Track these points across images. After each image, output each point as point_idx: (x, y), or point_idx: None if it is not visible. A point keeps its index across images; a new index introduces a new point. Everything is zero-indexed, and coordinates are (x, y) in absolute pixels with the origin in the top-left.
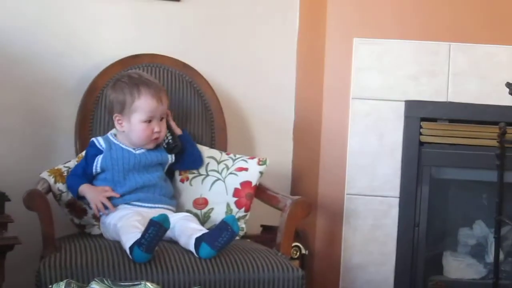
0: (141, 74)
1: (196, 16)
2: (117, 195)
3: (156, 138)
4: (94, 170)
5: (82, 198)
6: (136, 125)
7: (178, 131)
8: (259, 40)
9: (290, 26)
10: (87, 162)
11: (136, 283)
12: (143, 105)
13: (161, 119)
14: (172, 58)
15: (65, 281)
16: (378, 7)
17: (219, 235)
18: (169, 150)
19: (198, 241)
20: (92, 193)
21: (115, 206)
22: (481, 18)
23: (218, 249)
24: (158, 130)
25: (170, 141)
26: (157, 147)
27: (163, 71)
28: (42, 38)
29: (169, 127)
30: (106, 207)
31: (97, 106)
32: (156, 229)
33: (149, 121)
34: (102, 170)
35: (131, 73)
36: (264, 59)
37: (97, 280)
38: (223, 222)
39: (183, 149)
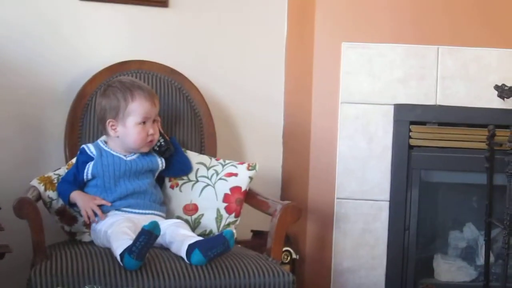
0: (132, 79)
1: (184, 22)
2: (108, 204)
3: (151, 141)
4: (85, 177)
5: (73, 205)
6: (131, 128)
7: (167, 138)
8: (247, 45)
9: (278, 31)
10: (78, 169)
11: None
12: (138, 108)
13: (154, 121)
14: (160, 64)
15: None
16: (366, 11)
17: (214, 246)
18: (161, 153)
19: (191, 247)
20: (82, 200)
21: (106, 212)
22: (470, 21)
23: (209, 258)
24: (153, 133)
25: (163, 143)
26: (148, 153)
27: (151, 77)
28: (30, 45)
29: (160, 132)
30: (96, 215)
31: (86, 113)
32: (147, 237)
33: (143, 123)
34: (93, 177)
35: (121, 79)
36: (253, 64)
37: (88, 287)
38: (221, 236)
39: (173, 153)
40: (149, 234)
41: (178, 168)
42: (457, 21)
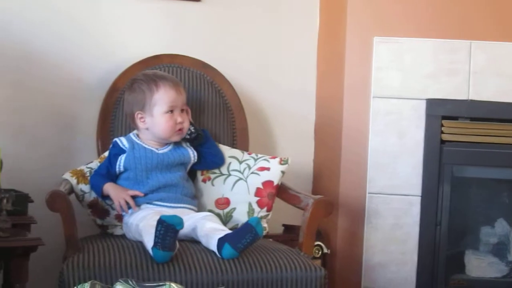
0: (155, 71)
1: (216, 16)
2: (141, 194)
3: (180, 129)
4: (117, 169)
5: (106, 197)
6: (159, 117)
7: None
8: (279, 39)
9: (310, 26)
10: (110, 162)
11: (160, 283)
12: (163, 96)
13: (182, 110)
14: (192, 58)
15: (89, 282)
16: (398, 6)
17: (243, 237)
18: (191, 140)
19: (221, 241)
20: (115, 191)
21: (138, 204)
22: (502, 16)
23: (240, 250)
24: (181, 121)
25: (193, 130)
26: (180, 146)
27: (183, 71)
28: (65, 38)
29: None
30: (128, 206)
31: (117, 106)
32: (164, 226)
33: (171, 112)
34: (125, 169)
35: (145, 72)
36: (285, 58)
37: (121, 281)
38: (247, 224)
39: (205, 141)
40: (164, 223)
41: (210, 160)
42: (489, 16)
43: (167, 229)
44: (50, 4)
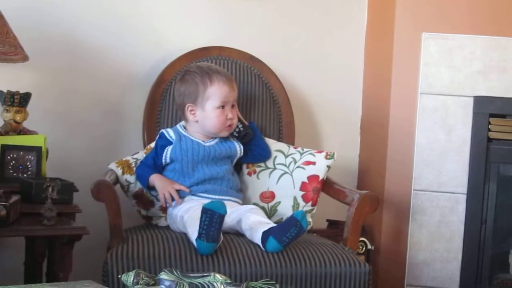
0: (209, 64)
1: (264, 9)
2: (187, 190)
3: (230, 125)
4: (163, 161)
5: (151, 188)
6: (210, 112)
7: (245, 123)
8: (327, 34)
9: (358, 20)
10: (157, 153)
11: (205, 274)
12: (216, 91)
13: (233, 106)
14: (240, 50)
15: (134, 271)
16: (447, 2)
17: (287, 230)
18: (240, 138)
19: (265, 235)
20: (162, 183)
21: (183, 197)
22: None
23: (285, 244)
24: (232, 117)
25: (241, 128)
26: (227, 139)
27: (231, 64)
28: (111, 30)
29: (238, 117)
30: (172, 199)
31: (164, 98)
32: (209, 216)
33: (222, 107)
34: (171, 161)
35: (199, 64)
36: (332, 53)
37: (166, 271)
38: (292, 218)
39: (252, 138)
40: (209, 212)
41: (257, 153)
42: None
43: (212, 218)
44: None
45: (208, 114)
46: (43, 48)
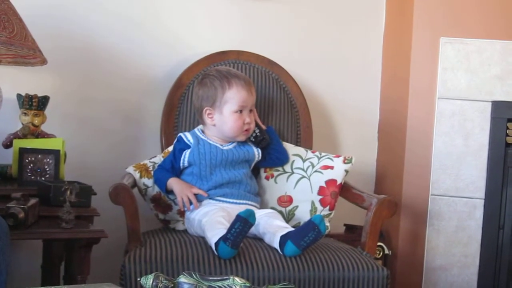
0: (228, 68)
1: (283, 13)
2: (205, 194)
3: (247, 130)
4: (181, 164)
5: (169, 192)
6: (228, 116)
7: (263, 127)
8: (345, 39)
9: (376, 25)
10: (175, 156)
11: (224, 277)
12: (235, 95)
13: (250, 110)
14: (258, 55)
15: (153, 274)
16: (465, 7)
17: (305, 235)
18: (257, 143)
19: (283, 239)
20: (180, 187)
21: (200, 201)
22: None
23: (303, 248)
24: (249, 121)
25: (258, 134)
26: (245, 143)
27: (249, 68)
28: (129, 34)
29: (256, 121)
30: (190, 203)
31: (182, 101)
32: (242, 224)
33: (240, 111)
34: (189, 165)
35: (218, 68)
36: (350, 57)
37: (185, 274)
38: (310, 222)
39: (269, 143)
40: (244, 221)
41: (275, 157)
42: None
43: (244, 226)
44: (119, 1)
45: (225, 118)
46: (62, 53)
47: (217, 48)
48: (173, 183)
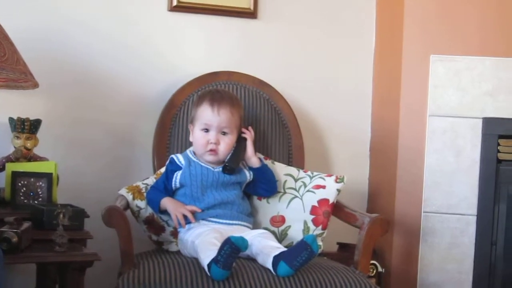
0: (220, 89)
1: (273, 33)
2: (199, 210)
3: (212, 150)
4: (173, 185)
5: (163, 212)
6: (196, 132)
7: (254, 161)
8: (335, 57)
9: (366, 44)
10: (167, 177)
11: None
12: (201, 113)
13: (223, 133)
14: (249, 75)
15: None
16: (455, 24)
17: (298, 254)
18: (223, 169)
19: (276, 259)
20: (173, 205)
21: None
22: None
23: (296, 268)
24: (214, 141)
25: (227, 163)
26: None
27: (240, 88)
28: (121, 57)
29: (239, 149)
30: (186, 220)
31: (174, 123)
32: (231, 247)
33: (206, 130)
34: (181, 186)
35: (214, 88)
36: (341, 76)
37: None
38: (303, 241)
39: (237, 173)
40: (233, 245)
41: (261, 192)
42: None
43: (233, 250)
44: (108, 23)
45: (195, 134)
46: (54, 76)
47: (209, 69)
48: (166, 202)
